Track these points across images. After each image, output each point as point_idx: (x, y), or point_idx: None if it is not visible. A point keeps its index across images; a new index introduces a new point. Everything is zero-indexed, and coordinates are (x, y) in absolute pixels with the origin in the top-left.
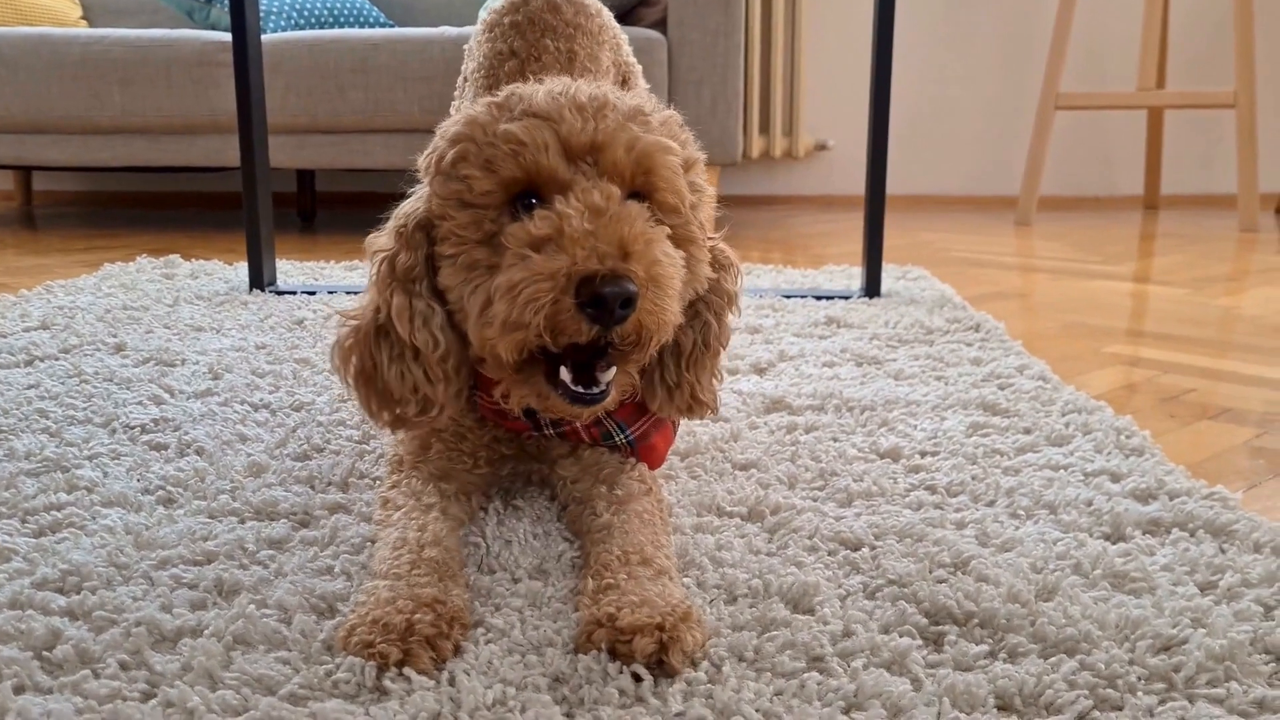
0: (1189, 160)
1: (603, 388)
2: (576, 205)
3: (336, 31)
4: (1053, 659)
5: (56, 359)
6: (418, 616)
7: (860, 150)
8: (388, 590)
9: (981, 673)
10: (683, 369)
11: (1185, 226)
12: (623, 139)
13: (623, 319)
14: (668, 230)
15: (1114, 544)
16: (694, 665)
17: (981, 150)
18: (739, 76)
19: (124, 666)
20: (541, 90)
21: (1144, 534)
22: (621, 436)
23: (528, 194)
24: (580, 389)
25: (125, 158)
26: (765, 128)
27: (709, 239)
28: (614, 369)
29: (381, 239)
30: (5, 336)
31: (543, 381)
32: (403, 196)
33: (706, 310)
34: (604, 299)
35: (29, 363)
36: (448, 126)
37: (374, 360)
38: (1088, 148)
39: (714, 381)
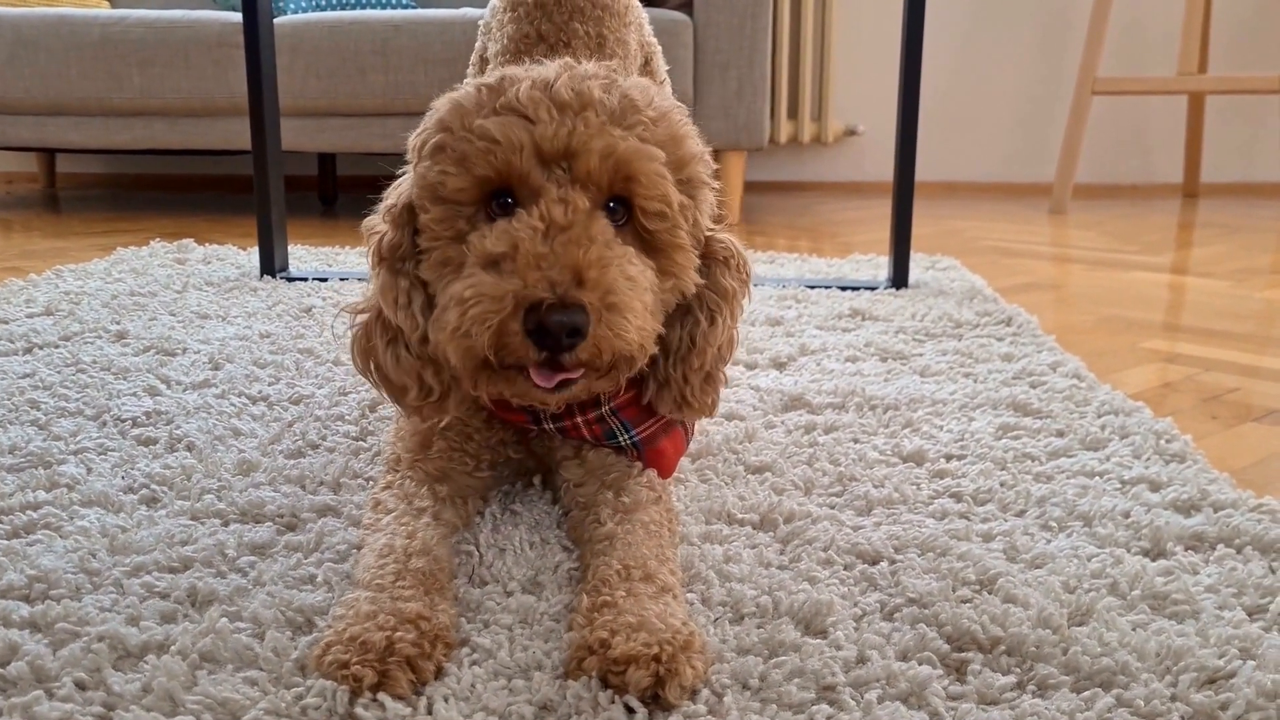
0: (1230, 147)
1: (571, 379)
2: (534, 223)
3: (357, 13)
4: (1086, 693)
5: (56, 347)
6: (399, 634)
7: (891, 136)
8: (369, 604)
9: (1008, 708)
10: (669, 367)
11: (1226, 216)
12: (598, 146)
13: (571, 347)
14: (633, 251)
15: (1153, 561)
16: (693, 696)
17: (1015, 135)
18: (766, 60)
19: (80, 686)
20: (527, 80)
21: (1186, 550)
22: (626, 438)
23: (502, 193)
24: (543, 382)
25: (145, 140)
26: (794, 112)
27: (709, 231)
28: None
29: (375, 219)
30: (7, 323)
31: (511, 373)
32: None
33: (697, 308)
34: (548, 328)
35: (27, 350)
36: (439, 105)
37: (374, 348)
38: (1125, 134)
39: (708, 383)
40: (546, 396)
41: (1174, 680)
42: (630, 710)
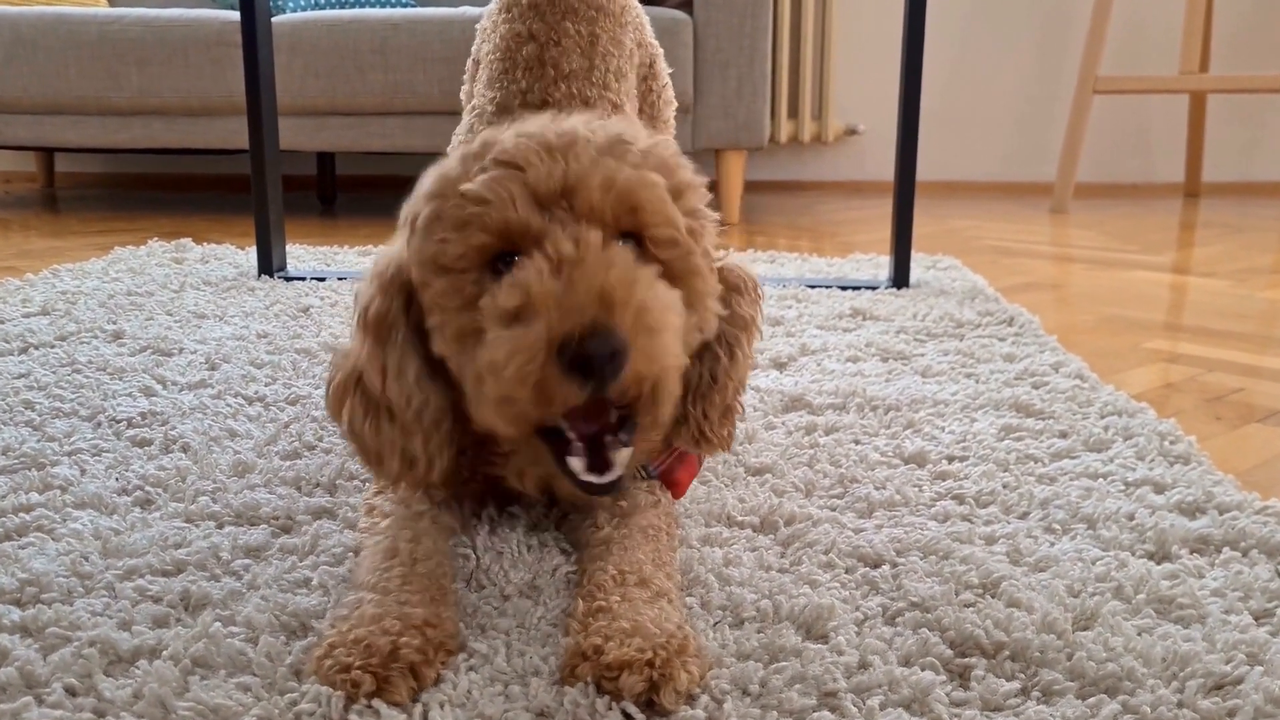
0: (1232, 147)
1: (615, 476)
2: (543, 263)
3: (355, 12)
4: (1091, 700)
5: (51, 347)
6: (404, 640)
7: (892, 135)
8: (374, 606)
9: (1013, 715)
10: (688, 404)
11: (1228, 216)
12: (597, 178)
13: (615, 373)
14: (659, 268)
15: (1158, 564)
16: (691, 701)
17: (1015, 135)
18: (766, 59)
19: (71, 692)
20: (510, 133)
21: (1191, 553)
22: (643, 474)
23: (507, 252)
24: (593, 479)
25: (143, 139)
26: (794, 111)
27: (716, 265)
28: (627, 450)
29: (363, 284)
30: (2, 323)
31: (552, 463)
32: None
33: (716, 342)
34: (589, 358)
35: (23, 350)
36: (426, 178)
37: (352, 413)
38: (1126, 133)
39: (726, 418)
40: (585, 496)
41: (1180, 686)
42: (628, 717)
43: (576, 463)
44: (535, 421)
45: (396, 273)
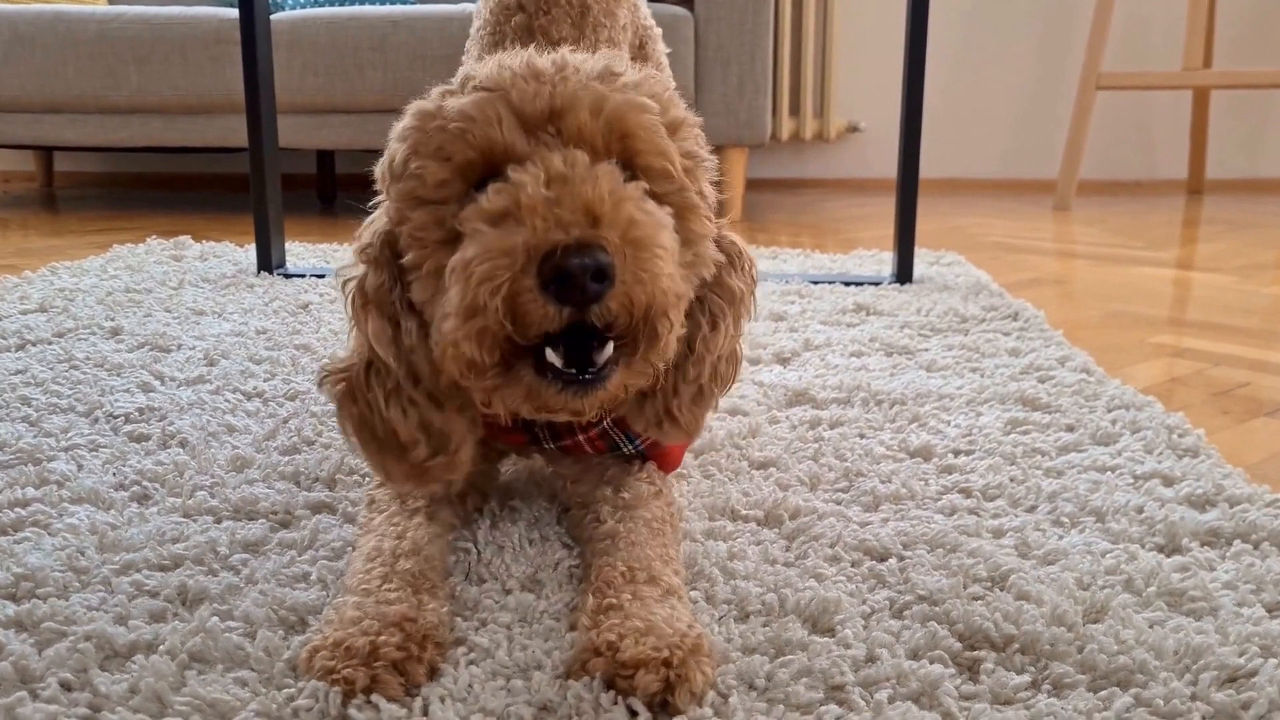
0: (1235, 143)
1: (600, 366)
2: (535, 171)
3: (354, 9)
4: (1104, 692)
5: (49, 343)
6: (383, 639)
7: (894, 132)
8: (354, 609)
9: (1023, 708)
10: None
11: (1231, 212)
12: (586, 100)
13: (598, 295)
14: (646, 185)
15: (1169, 557)
16: (699, 699)
17: (1017, 132)
18: (768, 55)
19: (66, 687)
20: (493, 62)
21: (1202, 546)
22: (630, 448)
23: (488, 178)
24: (574, 371)
25: (142, 138)
26: (795, 109)
27: (710, 218)
28: (610, 345)
29: (346, 265)
30: (0, 319)
31: (530, 373)
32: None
33: (698, 310)
34: (569, 273)
35: (20, 347)
36: (397, 124)
37: (369, 404)
38: (1129, 129)
39: (698, 401)
40: (574, 402)
41: (1194, 679)
42: (633, 713)
43: (553, 355)
44: (502, 346)
45: (383, 240)
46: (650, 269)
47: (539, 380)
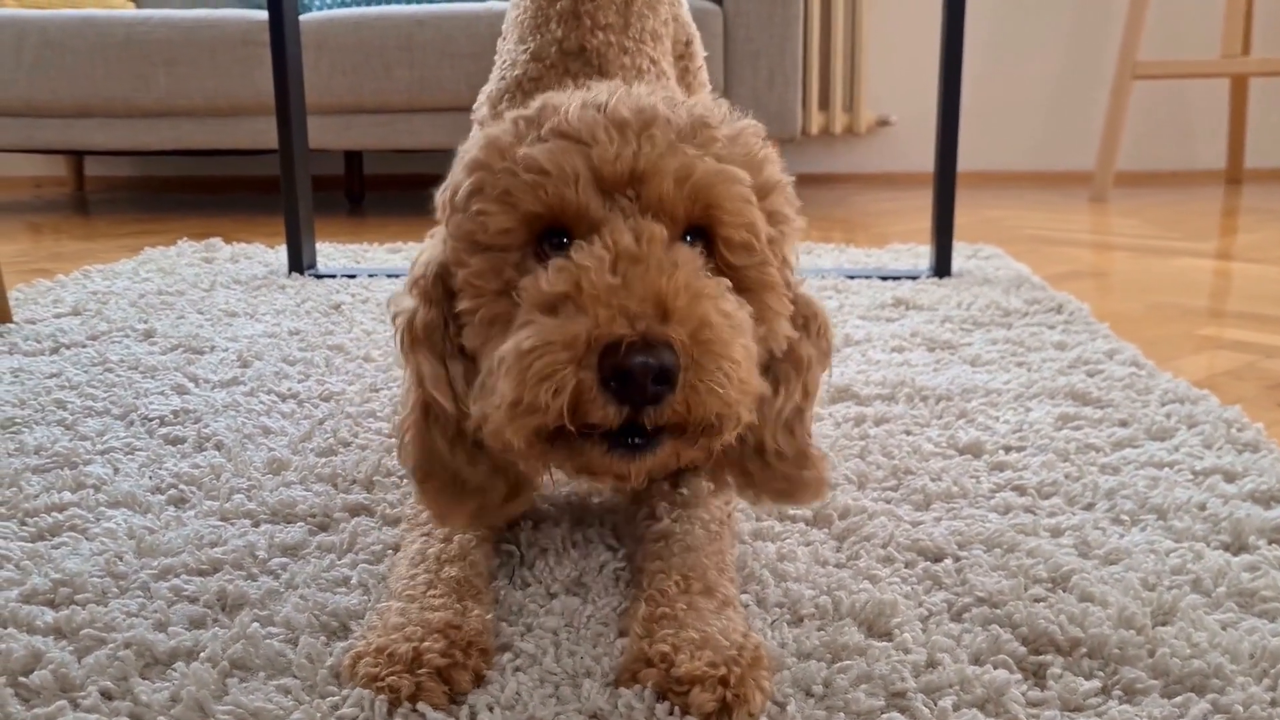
0: (1275, 132)
1: (652, 433)
2: (600, 252)
3: (381, 8)
4: (1179, 698)
5: (83, 346)
6: (426, 645)
7: (925, 126)
8: (398, 615)
9: (1094, 715)
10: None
11: (1271, 201)
12: (672, 166)
13: (657, 398)
14: (728, 283)
15: (1236, 555)
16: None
17: (1052, 122)
18: (798, 48)
19: (107, 696)
20: (577, 102)
21: (1270, 543)
22: None
23: (556, 232)
24: (624, 435)
25: (171, 141)
26: (825, 103)
27: (789, 285)
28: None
29: (401, 298)
30: (34, 323)
31: (576, 437)
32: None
33: (764, 374)
34: (630, 373)
35: (54, 350)
36: (466, 149)
37: (432, 450)
38: (1167, 119)
39: (769, 458)
40: (623, 466)
41: (1273, 684)
42: None
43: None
44: (548, 436)
45: (437, 274)
46: (716, 380)
47: (584, 442)
